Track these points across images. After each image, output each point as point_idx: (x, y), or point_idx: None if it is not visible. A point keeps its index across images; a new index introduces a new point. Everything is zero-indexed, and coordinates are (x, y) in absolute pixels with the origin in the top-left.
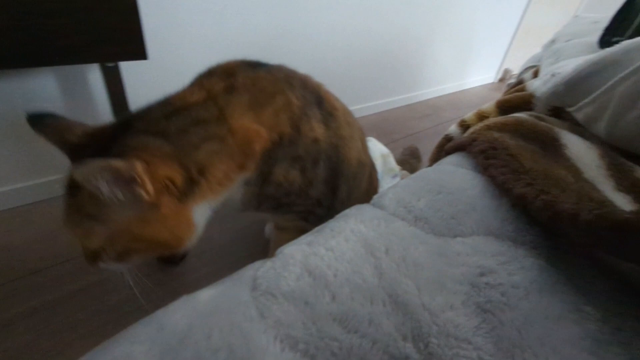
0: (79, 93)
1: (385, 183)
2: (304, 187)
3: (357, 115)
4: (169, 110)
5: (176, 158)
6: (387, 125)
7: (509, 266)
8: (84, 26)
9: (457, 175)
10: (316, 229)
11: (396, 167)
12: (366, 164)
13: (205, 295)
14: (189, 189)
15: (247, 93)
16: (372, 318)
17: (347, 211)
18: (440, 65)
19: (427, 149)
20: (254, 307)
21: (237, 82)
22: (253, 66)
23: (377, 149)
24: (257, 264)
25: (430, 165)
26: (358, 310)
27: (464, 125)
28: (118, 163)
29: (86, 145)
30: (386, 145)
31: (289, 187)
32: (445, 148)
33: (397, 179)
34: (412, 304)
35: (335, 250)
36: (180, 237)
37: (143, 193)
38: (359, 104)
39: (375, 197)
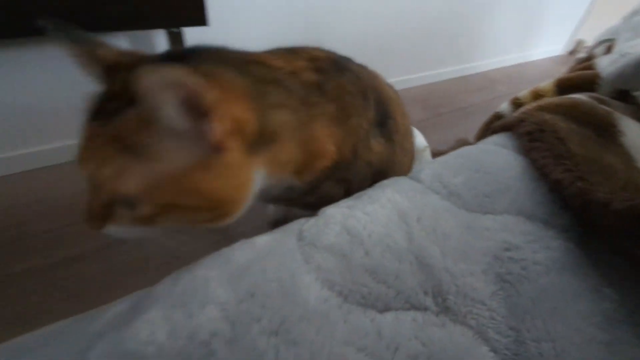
0: None
1: None
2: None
3: (401, 87)
4: (253, 59)
5: (253, 102)
6: (434, 98)
7: (535, 245)
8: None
9: (499, 155)
10: (355, 195)
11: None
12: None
13: (261, 240)
14: (256, 144)
15: (334, 104)
16: (398, 274)
17: (385, 181)
18: (502, 34)
19: (475, 125)
20: (299, 253)
21: (328, 85)
22: (340, 67)
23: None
24: (302, 220)
25: (476, 142)
26: (387, 266)
27: (517, 104)
28: (201, 81)
29: (129, 65)
30: (430, 119)
31: (329, 199)
32: (492, 126)
33: None
34: (436, 267)
35: (372, 214)
36: (237, 198)
37: (213, 129)
38: (405, 74)
39: (413, 170)
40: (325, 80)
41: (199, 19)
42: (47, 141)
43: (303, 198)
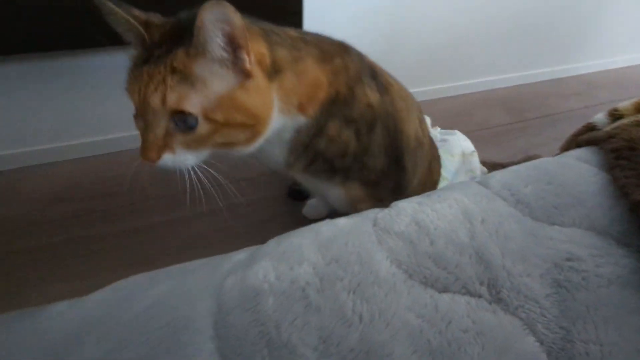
0: None
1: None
2: (359, 153)
3: (485, 88)
4: (251, 19)
5: (265, 41)
6: (520, 102)
7: (601, 259)
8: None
9: (578, 169)
10: (426, 194)
11: (479, 168)
12: (424, 143)
13: (343, 221)
14: (270, 73)
15: (316, 48)
16: (458, 263)
17: (454, 184)
18: (608, 32)
19: (563, 134)
20: (374, 235)
21: (308, 37)
22: (318, 34)
23: (458, 146)
24: (377, 210)
25: (560, 153)
26: (449, 256)
27: (615, 115)
28: (241, 21)
29: (159, 24)
30: (513, 124)
31: (344, 147)
32: (578, 140)
33: None
34: (494, 263)
35: (439, 212)
36: (266, 118)
37: (247, 58)
38: (489, 75)
39: (483, 176)
40: (305, 35)
41: (296, 22)
42: None
43: (316, 143)
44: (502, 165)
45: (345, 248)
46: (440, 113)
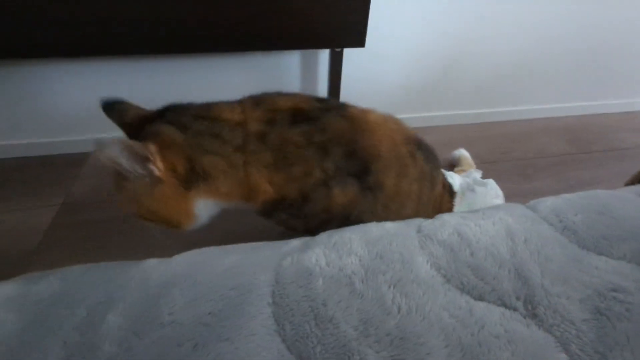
0: (310, 71)
1: None
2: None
3: (547, 115)
4: (202, 114)
5: (185, 151)
6: (585, 133)
7: None
8: (327, 22)
9: (634, 204)
10: (469, 211)
11: None
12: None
13: (389, 225)
14: (192, 181)
15: (272, 153)
16: (496, 276)
17: (499, 205)
18: None
19: (630, 170)
20: (417, 240)
21: (271, 136)
22: (297, 120)
23: (483, 202)
24: (421, 219)
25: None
26: (487, 267)
27: None
28: (134, 145)
29: (134, 126)
30: (575, 155)
31: (292, 228)
32: None
33: None
34: (532, 281)
35: (482, 227)
36: (178, 220)
37: (154, 168)
38: (555, 102)
39: (532, 201)
40: (270, 132)
41: (359, 41)
42: None
43: (269, 218)
44: None
45: (389, 247)
46: (497, 137)
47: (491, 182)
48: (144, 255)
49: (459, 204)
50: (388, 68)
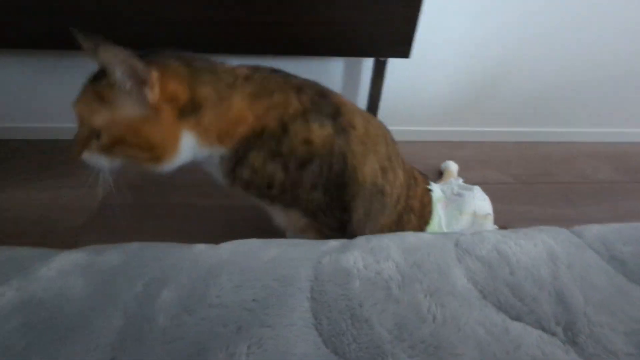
0: (352, 79)
1: None
2: (288, 185)
3: (595, 139)
4: (200, 57)
5: (188, 82)
6: (636, 161)
7: None
8: (374, 31)
9: None
10: (509, 230)
11: None
12: (386, 192)
13: (427, 235)
14: (186, 111)
15: (255, 85)
16: (535, 298)
17: (542, 227)
18: None
19: None
20: (454, 253)
21: (255, 76)
22: (278, 73)
23: (471, 204)
24: (459, 233)
25: None
26: (527, 288)
27: None
28: (138, 63)
29: None
30: (623, 184)
31: (269, 179)
32: None
33: None
34: (575, 307)
35: (523, 247)
36: (165, 149)
37: (149, 95)
38: (602, 127)
39: (577, 227)
40: (254, 73)
41: (405, 52)
42: None
43: (239, 172)
44: None
45: (427, 257)
46: (538, 158)
47: (477, 187)
48: (186, 241)
49: (444, 208)
50: (430, 80)
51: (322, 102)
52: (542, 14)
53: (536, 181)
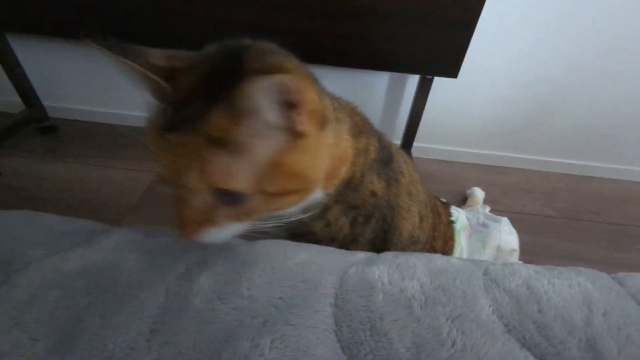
0: (396, 94)
1: None
2: (347, 242)
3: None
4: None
5: (317, 89)
6: None
7: None
8: (423, 48)
9: None
10: (544, 267)
11: None
12: (419, 241)
13: (455, 260)
14: (324, 122)
15: (350, 118)
16: (564, 341)
17: (580, 268)
18: None
19: None
20: (482, 282)
21: (342, 103)
22: (354, 107)
23: (496, 238)
24: (489, 262)
25: None
26: (556, 330)
27: None
28: (298, 82)
29: (186, 68)
30: None
31: (336, 233)
32: None
33: None
34: (607, 357)
35: (556, 286)
36: (319, 171)
37: (301, 119)
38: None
39: (620, 273)
40: (338, 99)
41: (453, 72)
42: None
43: (313, 224)
44: None
45: (453, 282)
46: (587, 194)
47: (505, 219)
48: None
49: (468, 238)
50: (476, 102)
51: (381, 145)
52: (603, 38)
53: (583, 218)
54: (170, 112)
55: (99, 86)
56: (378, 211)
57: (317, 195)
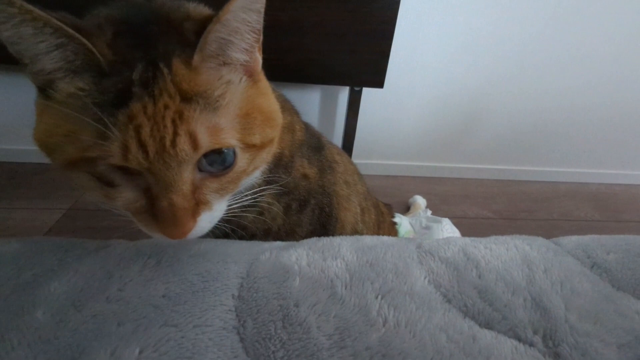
0: (329, 110)
1: None
2: (283, 234)
3: (571, 179)
4: None
5: None
6: (615, 202)
7: None
8: (349, 60)
9: None
10: (480, 238)
11: None
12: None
13: (386, 238)
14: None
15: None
16: (509, 303)
17: (516, 235)
18: None
19: None
20: (415, 255)
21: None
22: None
23: (440, 237)
24: (422, 239)
25: None
26: (498, 293)
27: None
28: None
29: (123, 37)
30: (606, 223)
31: (269, 223)
32: None
33: None
34: (554, 314)
35: (493, 250)
36: (280, 113)
37: (258, 58)
38: (581, 167)
39: (556, 238)
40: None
41: (379, 82)
42: None
43: (244, 217)
44: None
45: (382, 256)
46: (518, 195)
47: (446, 220)
48: None
49: None
50: (406, 112)
51: (309, 131)
52: (520, 49)
53: (518, 217)
54: (115, 82)
55: None
56: (313, 198)
57: (259, 169)
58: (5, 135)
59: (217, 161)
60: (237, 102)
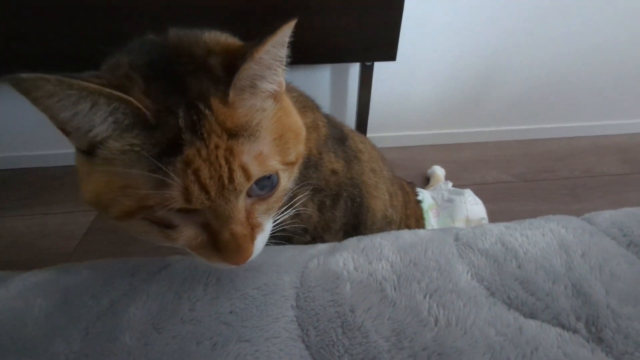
0: (340, 87)
1: None
2: (320, 231)
3: (595, 132)
4: None
5: None
6: (638, 151)
7: None
8: (358, 35)
9: None
10: (513, 222)
11: None
12: (394, 221)
13: (423, 232)
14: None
15: (294, 90)
16: (550, 292)
17: (549, 216)
18: None
19: None
20: (455, 248)
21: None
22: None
23: (463, 210)
24: (457, 228)
25: None
26: (539, 282)
27: None
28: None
29: (130, 84)
30: (630, 175)
31: (305, 223)
32: None
33: None
34: (595, 299)
35: (530, 237)
36: (301, 125)
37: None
38: (604, 119)
39: (586, 214)
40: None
41: (390, 55)
42: None
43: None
44: None
45: (424, 254)
46: (539, 155)
47: (468, 191)
48: None
49: (436, 217)
50: (420, 82)
51: (331, 124)
52: (532, 6)
53: (540, 178)
54: (163, 132)
55: (17, 128)
56: (344, 190)
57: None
58: (31, 143)
59: (266, 185)
60: (271, 126)
